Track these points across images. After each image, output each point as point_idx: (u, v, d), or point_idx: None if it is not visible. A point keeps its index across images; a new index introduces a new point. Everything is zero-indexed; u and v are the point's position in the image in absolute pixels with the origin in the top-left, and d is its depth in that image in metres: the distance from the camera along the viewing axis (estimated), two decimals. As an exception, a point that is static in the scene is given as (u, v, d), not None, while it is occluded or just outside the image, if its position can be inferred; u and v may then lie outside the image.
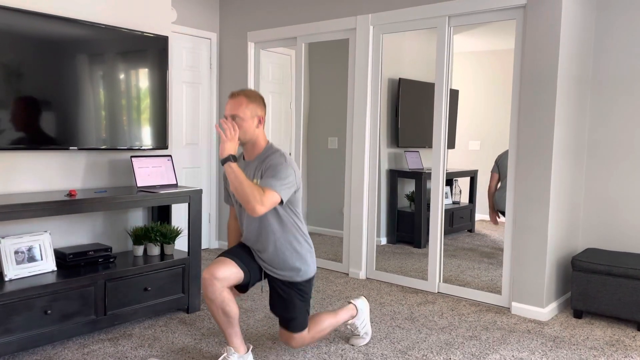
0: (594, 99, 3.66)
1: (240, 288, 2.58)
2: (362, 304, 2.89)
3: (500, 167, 3.65)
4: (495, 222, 4.46)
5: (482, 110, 4.79)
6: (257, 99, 2.46)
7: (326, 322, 2.70)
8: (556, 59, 3.20)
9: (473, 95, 4.78)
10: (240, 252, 2.54)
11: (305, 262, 2.53)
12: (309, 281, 2.57)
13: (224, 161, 2.29)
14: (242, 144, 2.47)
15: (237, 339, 2.49)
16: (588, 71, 3.62)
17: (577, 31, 3.40)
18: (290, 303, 2.53)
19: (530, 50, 3.30)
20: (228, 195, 2.69)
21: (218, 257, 2.51)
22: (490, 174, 4.42)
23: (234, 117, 2.40)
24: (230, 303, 2.41)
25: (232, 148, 2.32)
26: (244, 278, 2.48)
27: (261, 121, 2.47)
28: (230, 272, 2.41)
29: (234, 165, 2.27)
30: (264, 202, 2.26)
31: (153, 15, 3.56)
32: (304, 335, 2.59)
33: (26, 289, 2.60)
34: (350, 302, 2.87)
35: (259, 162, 2.47)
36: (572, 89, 3.42)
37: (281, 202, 2.35)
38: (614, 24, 3.55)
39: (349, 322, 2.83)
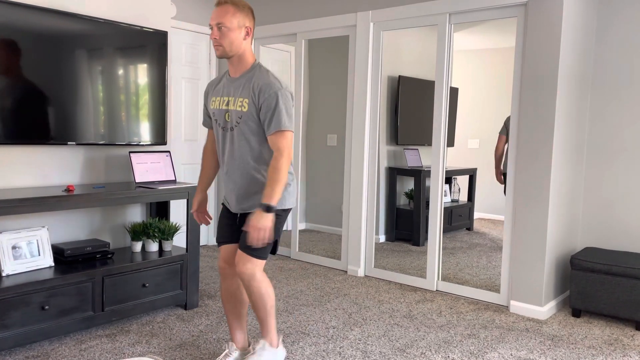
0: (594, 97, 3.65)
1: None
2: (281, 354, 2.52)
3: (509, 129, 3.64)
4: (502, 182, 4.48)
5: (482, 108, 4.78)
6: (245, 8, 2.26)
7: (270, 304, 2.39)
8: (557, 57, 3.19)
9: (472, 93, 4.77)
10: (233, 228, 2.44)
11: (286, 188, 2.34)
12: (284, 212, 2.37)
13: (270, 209, 2.17)
14: (228, 57, 2.29)
15: (240, 334, 2.50)
16: (589, 70, 3.61)
17: (578, 29, 3.39)
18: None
19: (531, 48, 3.29)
20: (208, 118, 2.51)
21: (220, 244, 2.47)
22: (498, 135, 4.42)
23: (219, 26, 2.21)
24: (244, 291, 2.42)
25: (269, 219, 2.18)
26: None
27: (249, 33, 2.28)
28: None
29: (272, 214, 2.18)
30: (288, 153, 2.21)
31: (152, 10, 3.54)
32: (257, 268, 2.31)
33: (23, 285, 2.59)
34: (280, 336, 2.57)
35: (246, 80, 2.29)
36: (573, 87, 3.41)
37: None
38: (615, 22, 3.54)
39: (259, 345, 2.44)
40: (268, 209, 2.17)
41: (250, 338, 2.89)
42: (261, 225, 2.16)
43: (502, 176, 4.48)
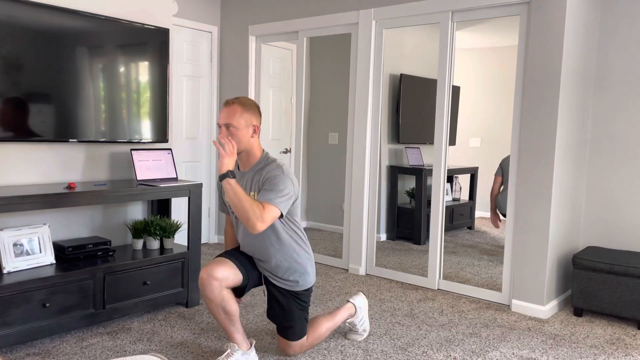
0: (597, 96, 3.64)
1: (237, 292, 2.52)
2: (361, 302, 2.87)
3: (504, 170, 3.65)
4: (497, 225, 4.45)
5: (484, 107, 4.77)
6: (252, 107, 2.40)
7: (324, 327, 2.67)
8: (560, 56, 3.18)
9: (474, 92, 4.76)
10: (240, 255, 2.52)
11: (305, 271, 2.51)
12: (308, 290, 2.56)
13: (222, 177, 2.22)
14: (237, 153, 2.39)
15: (239, 336, 2.47)
16: (592, 68, 3.60)
17: (582, 28, 3.38)
18: (289, 311, 2.51)
19: (533, 47, 3.28)
20: (223, 204, 2.62)
21: (216, 257, 2.49)
22: (493, 176, 4.40)
23: (227, 126, 2.33)
24: (230, 301, 2.39)
25: (230, 164, 2.25)
26: (242, 281, 2.46)
27: (256, 130, 2.41)
28: (229, 273, 2.38)
29: (232, 181, 2.21)
30: (264, 218, 2.21)
31: (154, 8, 3.53)
32: (302, 342, 2.57)
33: (24, 282, 2.58)
34: (349, 301, 2.85)
35: (255, 173, 2.43)
36: (576, 86, 3.40)
37: (281, 216, 2.31)
38: (618, 21, 3.53)
39: (348, 320, 2.82)
40: (222, 176, 2.24)
41: (250, 338, 2.88)
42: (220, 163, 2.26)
43: (497, 219, 4.45)
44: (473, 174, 4.86)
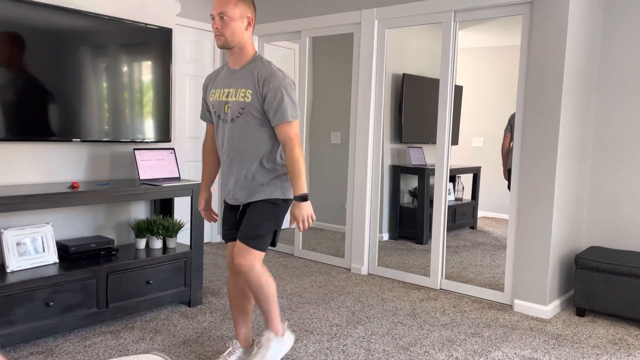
0: (599, 96, 3.63)
1: None
2: (289, 340, 2.49)
3: (513, 127, 3.64)
4: (507, 179, 4.47)
5: (486, 107, 4.77)
6: None
7: (272, 295, 2.37)
8: (562, 56, 3.18)
9: (477, 91, 4.75)
10: (236, 225, 2.42)
11: (287, 180, 2.36)
12: (285, 202, 2.36)
13: (304, 198, 2.24)
14: (229, 48, 2.26)
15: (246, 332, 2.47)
16: (594, 68, 3.60)
17: (584, 27, 3.37)
18: (260, 218, 2.29)
19: (536, 46, 3.28)
20: (207, 111, 2.48)
21: (226, 242, 2.47)
22: (503, 132, 4.40)
23: (221, 16, 2.19)
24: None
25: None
26: None
27: (250, 23, 2.26)
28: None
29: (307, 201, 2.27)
30: (298, 143, 2.25)
31: (157, 7, 3.54)
32: (256, 262, 2.27)
33: (28, 281, 2.59)
34: (284, 324, 2.53)
35: (248, 71, 2.27)
36: (578, 86, 3.40)
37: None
38: (621, 20, 3.52)
39: (264, 337, 2.41)
40: (302, 198, 2.24)
41: (254, 335, 2.89)
42: (303, 215, 2.24)
43: (508, 172, 4.46)
44: (475, 173, 4.85)
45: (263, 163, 2.31)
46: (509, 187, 4.06)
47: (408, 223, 4.71)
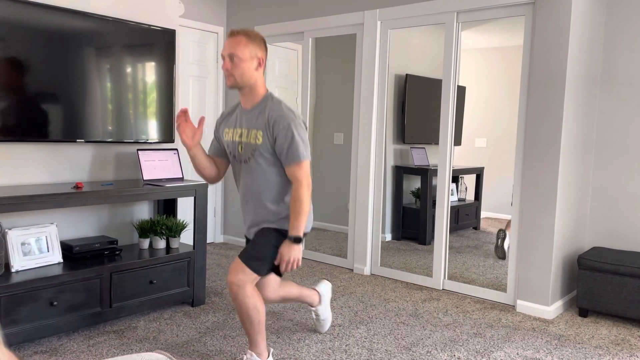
0: (602, 96, 3.63)
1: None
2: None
3: None
4: None
5: (489, 107, 4.76)
6: (257, 38, 2.28)
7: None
8: (565, 56, 3.18)
9: (480, 92, 4.75)
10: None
11: None
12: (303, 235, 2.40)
13: (299, 240, 2.28)
14: (240, 88, 2.30)
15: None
16: (597, 68, 3.59)
17: (587, 28, 3.37)
18: (264, 241, 2.33)
19: (539, 47, 3.28)
20: (218, 146, 2.50)
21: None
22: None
23: (231, 57, 2.23)
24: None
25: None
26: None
27: (261, 64, 2.29)
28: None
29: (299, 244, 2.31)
30: (307, 183, 2.26)
31: (160, 9, 3.56)
32: (248, 284, 2.30)
33: (32, 281, 2.61)
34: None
35: (259, 111, 2.31)
36: (581, 86, 3.40)
37: None
38: (623, 20, 3.52)
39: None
40: (296, 240, 2.27)
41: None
42: (290, 256, 2.27)
43: None
44: (479, 174, 4.85)
45: (275, 202, 2.37)
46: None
47: (411, 223, 4.72)
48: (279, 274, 2.46)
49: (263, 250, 2.33)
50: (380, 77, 4.09)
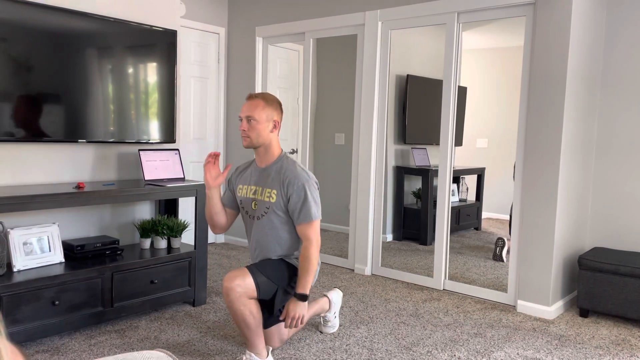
0: (603, 96, 3.63)
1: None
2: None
3: None
4: None
5: (490, 108, 4.77)
6: (274, 103, 2.44)
7: (255, 323, 2.56)
8: (566, 57, 3.19)
9: (481, 92, 4.76)
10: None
11: None
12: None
13: (304, 298, 2.37)
14: (255, 147, 2.45)
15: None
16: (598, 69, 3.60)
17: (587, 29, 3.38)
18: (271, 263, 2.46)
19: (539, 47, 3.29)
20: (231, 199, 2.62)
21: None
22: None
23: (249, 119, 2.38)
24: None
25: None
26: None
27: (276, 126, 2.44)
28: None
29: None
30: (317, 242, 2.38)
31: (162, 9, 3.57)
32: (245, 294, 2.33)
33: (34, 280, 2.62)
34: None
35: (274, 172, 2.45)
36: (582, 86, 3.40)
37: None
38: (624, 21, 3.52)
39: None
40: (302, 297, 2.36)
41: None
42: (296, 313, 2.36)
43: None
44: (480, 174, 4.86)
45: (285, 256, 2.49)
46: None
47: (412, 224, 4.72)
48: (271, 312, 2.52)
49: (272, 272, 2.43)
50: (381, 78, 4.09)
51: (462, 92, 4.14)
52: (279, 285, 2.44)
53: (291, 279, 2.49)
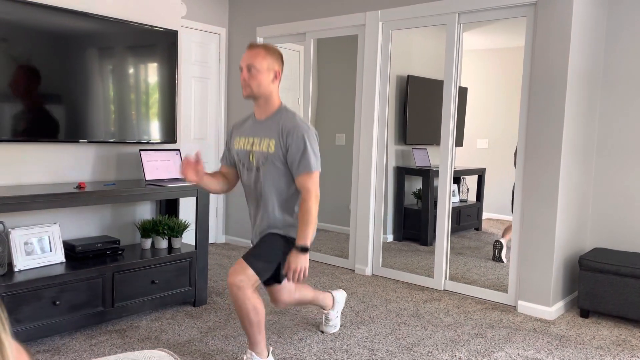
0: (604, 97, 3.64)
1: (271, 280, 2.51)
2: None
3: None
4: None
5: (491, 108, 4.77)
6: (275, 53, 2.36)
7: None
8: (566, 57, 3.19)
9: (482, 93, 4.76)
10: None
11: None
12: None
13: (306, 249, 2.30)
14: (255, 98, 2.36)
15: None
16: (599, 69, 3.60)
17: (588, 28, 3.38)
18: (269, 244, 2.37)
19: (540, 48, 3.29)
20: (228, 154, 2.54)
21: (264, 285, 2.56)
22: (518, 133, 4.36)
23: (249, 68, 2.30)
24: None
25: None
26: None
27: (277, 76, 2.36)
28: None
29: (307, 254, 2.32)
30: (316, 194, 2.30)
31: (163, 10, 3.57)
32: (249, 286, 2.30)
33: (35, 280, 2.62)
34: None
35: (273, 122, 2.36)
36: (582, 87, 3.40)
37: None
38: (625, 21, 3.52)
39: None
40: (303, 249, 2.30)
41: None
42: (298, 265, 2.29)
43: None
44: (480, 175, 4.85)
45: (283, 211, 2.41)
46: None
47: (412, 224, 4.72)
48: (278, 281, 2.51)
49: (268, 253, 2.36)
50: (381, 78, 4.09)
51: (462, 92, 4.14)
52: (279, 261, 2.39)
53: (287, 247, 2.40)
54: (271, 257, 2.37)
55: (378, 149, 4.15)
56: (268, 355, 2.46)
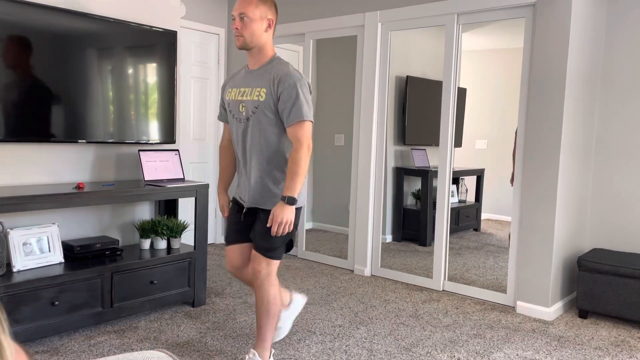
0: (602, 97, 3.64)
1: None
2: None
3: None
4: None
5: (490, 109, 4.77)
6: (268, 1, 2.26)
7: (274, 310, 2.46)
8: (565, 58, 3.19)
9: (481, 93, 4.76)
10: (240, 227, 2.43)
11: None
12: (298, 209, 2.33)
13: (293, 201, 2.18)
14: (248, 49, 2.28)
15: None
16: (598, 69, 3.60)
17: (587, 29, 3.38)
18: (270, 232, 2.26)
19: (539, 48, 3.29)
20: (224, 110, 2.49)
21: (227, 245, 2.47)
22: (514, 133, 4.36)
23: (242, 16, 2.21)
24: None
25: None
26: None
27: (270, 25, 2.27)
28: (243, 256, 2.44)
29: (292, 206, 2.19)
30: (308, 145, 2.19)
31: (162, 10, 3.57)
32: (272, 272, 2.31)
33: (34, 280, 2.62)
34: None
35: (265, 72, 2.28)
36: (581, 87, 3.41)
37: None
38: (624, 22, 3.53)
39: (249, 356, 2.51)
40: (289, 200, 2.18)
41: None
42: (283, 218, 2.16)
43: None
44: (479, 175, 4.86)
45: (274, 165, 2.29)
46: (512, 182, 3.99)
47: (411, 225, 4.73)
48: (289, 249, 2.44)
49: (274, 240, 2.28)
50: (380, 79, 4.10)
51: (461, 93, 4.14)
52: (291, 237, 2.35)
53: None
54: (280, 241, 2.29)
55: (377, 150, 4.15)
56: (270, 356, 2.46)
